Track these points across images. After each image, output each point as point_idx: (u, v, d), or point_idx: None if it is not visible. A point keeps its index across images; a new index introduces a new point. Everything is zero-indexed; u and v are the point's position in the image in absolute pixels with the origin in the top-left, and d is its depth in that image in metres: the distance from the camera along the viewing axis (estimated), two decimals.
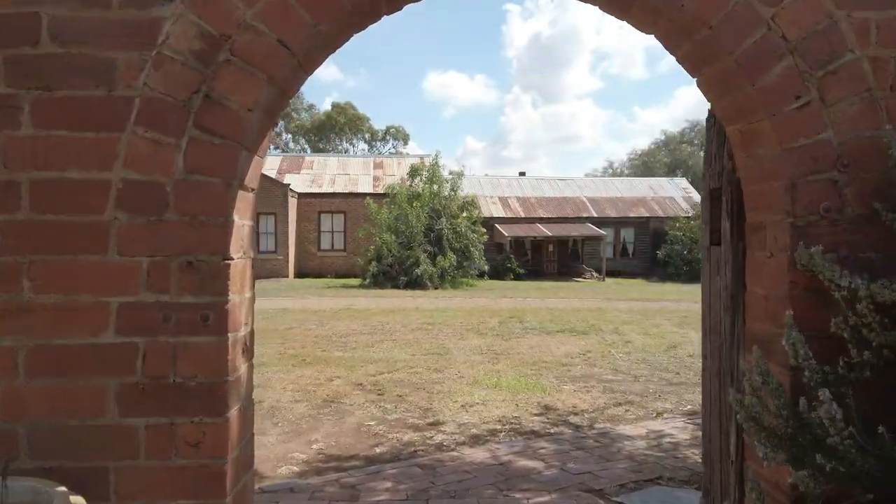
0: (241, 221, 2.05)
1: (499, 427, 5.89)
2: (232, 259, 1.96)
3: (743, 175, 2.18)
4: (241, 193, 2.00)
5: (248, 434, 2.22)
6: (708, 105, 2.43)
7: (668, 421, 6.15)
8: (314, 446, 5.37)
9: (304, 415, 6.34)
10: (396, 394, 7.19)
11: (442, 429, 5.86)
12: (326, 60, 2.18)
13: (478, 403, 6.77)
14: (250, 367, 2.18)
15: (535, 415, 6.36)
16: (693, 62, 2.16)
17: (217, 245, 1.92)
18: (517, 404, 6.76)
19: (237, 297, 2.01)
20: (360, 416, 6.30)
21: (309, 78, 2.21)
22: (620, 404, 6.84)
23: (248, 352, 2.14)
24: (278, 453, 5.19)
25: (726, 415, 2.43)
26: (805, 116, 1.94)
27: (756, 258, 2.15)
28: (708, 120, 2.70)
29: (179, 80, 1.87)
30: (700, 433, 5.85)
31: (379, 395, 7.17)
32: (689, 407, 6.74)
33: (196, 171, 1.90)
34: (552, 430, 5.80)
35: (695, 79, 2.24)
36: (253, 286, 2.19)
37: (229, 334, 1.94)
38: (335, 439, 5.57)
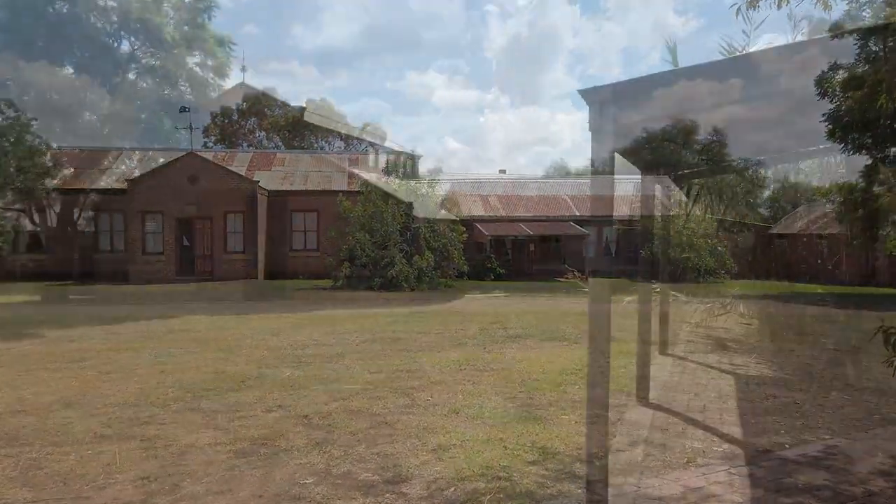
0: None
1: (482, 485, 4.32)
2: None
3: None
4: None
5: None
6: None
7: (706, 470, 4.64)
8: None
9: (218, 467, 4.71)
10: (350, 431, 5.58)
11: (404, 489, 4.27)
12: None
13: (454, 445, 5.19)
14: None
15: (530, 463, 4.80)
16: None
17: None
18: (505, 445, 5.20)
19: None
20: (296, 468, 4.69)
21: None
22: (637, 443, 5.32)
23: None
24: None
25: None
26: None
27: None
28: None
29: None
30: (757, 492, 4.23)
31: (327, 432, 5.55)
32: (725, 447, 5.24)
33: None
34: (555, 491, 4.24)
35: None
36: None
37: None
38: None
